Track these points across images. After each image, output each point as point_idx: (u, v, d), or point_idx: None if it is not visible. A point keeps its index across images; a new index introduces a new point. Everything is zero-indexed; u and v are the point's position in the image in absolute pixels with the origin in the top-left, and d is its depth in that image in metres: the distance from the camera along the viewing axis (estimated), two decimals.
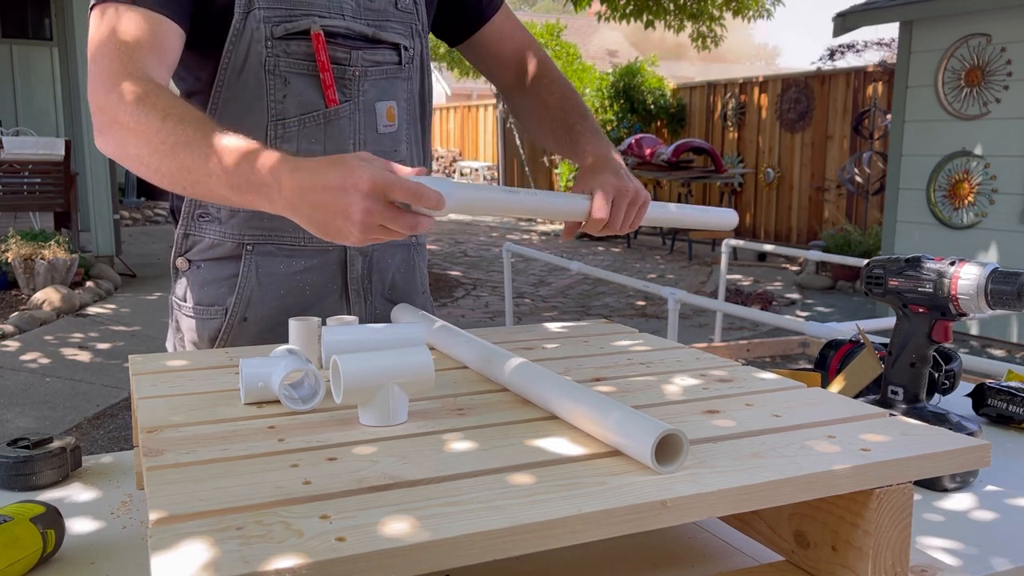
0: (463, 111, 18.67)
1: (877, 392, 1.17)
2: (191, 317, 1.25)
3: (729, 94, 10.70)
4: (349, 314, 1.27)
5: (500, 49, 1.38)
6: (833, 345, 1.34)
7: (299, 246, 1.22)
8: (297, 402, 0.81)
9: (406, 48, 1.26)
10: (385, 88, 1.24)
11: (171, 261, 1.27)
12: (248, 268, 1.22)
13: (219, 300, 1.23)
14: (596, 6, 9.17)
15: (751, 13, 9.48)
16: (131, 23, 1.05)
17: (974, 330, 5.94)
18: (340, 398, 0.75)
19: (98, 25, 1.06)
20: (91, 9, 1.09)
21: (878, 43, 8.93)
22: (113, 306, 6.04)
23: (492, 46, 1.38)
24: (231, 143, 0.92)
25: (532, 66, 1.37)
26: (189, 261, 1.24)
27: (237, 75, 1.15)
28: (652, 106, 11.69)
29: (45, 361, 4.69)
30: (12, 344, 4.97)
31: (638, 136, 10.45)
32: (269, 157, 0.89)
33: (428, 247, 10.08)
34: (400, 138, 1.27)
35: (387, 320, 1.27)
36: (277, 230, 1.21)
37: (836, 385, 1.22)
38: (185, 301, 1.26)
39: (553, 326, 1.20)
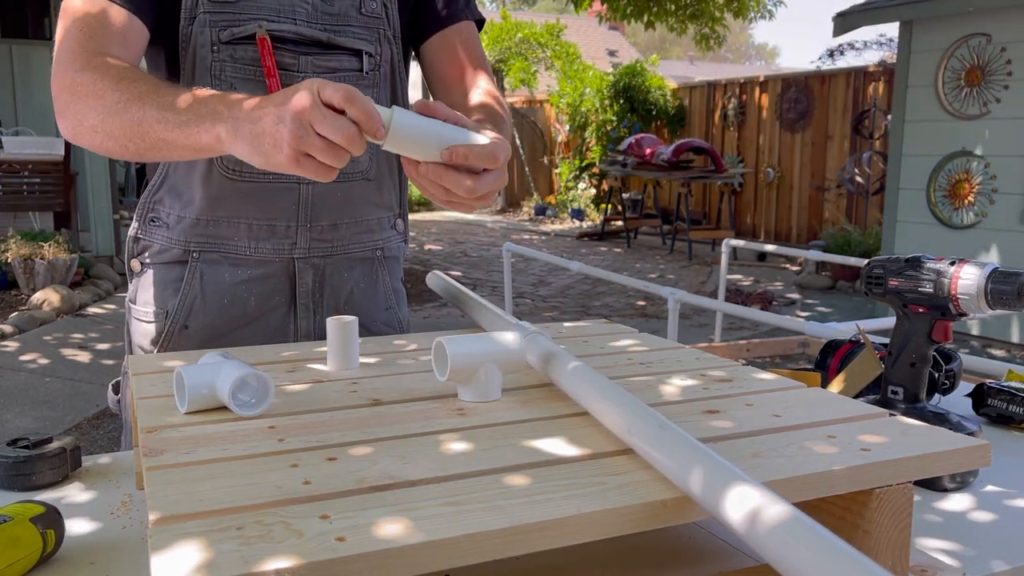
0: None
1: (877, 392, 1.17)
2: (138, 320, 1.24)
3: (729, 94, 10.70)
4: (296, 328, 1.25)
5: (445, 68, 1.26)
6: (833, 345, 1.34)
7: (244, 255, 1.21)
8: (250, 406, 0.80)
9: (369, 54, 1.21)
10: None
11: (126, 263, 1.27)
12: (192, 275, 1.21)
13: (161, 304, 1.22)
14: (597, 6, 9.17)
15: (752, 15, 9.48)
16: (96, 12, 1.06)
17: (974, 330, 5.94)
18: (446, 377, 0.82)
19: (63, 19, 1.08)
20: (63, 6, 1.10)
21: (878, 42, 8.94)
22: (113, 306, 6.04)
23: (437, 62, 1.27)
24: (179, 89, 0.93)
25: (475, 95, 1.21)
26: (141, 263, 1.24)
27: (190, 81, 1.14)
28: (652, 106, 11.70)
29: (45, 361, 4.69)
30: (12, 344, 4.97)
31: (638, 136, 10.45)
32: (209, 96, 0.90)
33: (428, 247, 10.03)
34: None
35: None
36: (222, 237, 1.20)
37: (836, 385, 1.22)
38: (134, 303, 1.25)
39: (553, 326, 1.20)
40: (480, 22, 1.31)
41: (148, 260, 1.24)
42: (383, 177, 1.27)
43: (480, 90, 1.22)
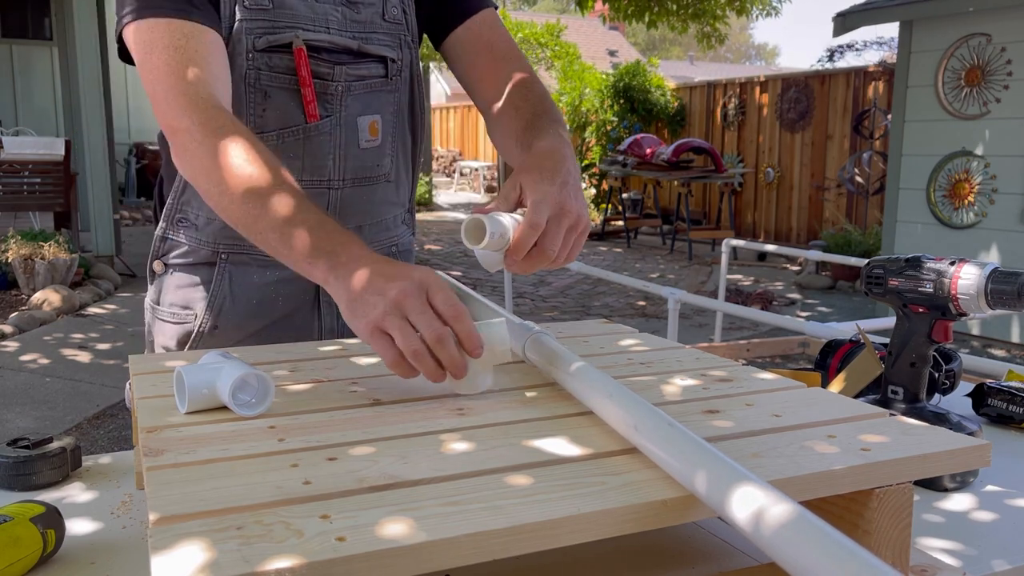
0: (463, 111, 18.68)
1: (877, 392, 1.17)
2: (164, 321, 1.24)
3: (729, 94, 10.70)
4: (320, 326, 1.25)
5: (474, 60, 1.25)
6: (833, 345, 1.34)
7: (272, 258, 1.21)
8: (250, 406, 0.79)
9: (393, 60, 1.22)
10: (369, 102, 1.21)
11: (148, 264, 1.26)
12: (221, 276, 1.20)
13: (191, 305, 1.22)
14: (599, 7, 9.17)
15: (756, 12, 9.48)
16: (181, 36, 1.02)
17: (975, 330, 5.94)
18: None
19: (142, 42, 1.03)
20: (126, 24, 1.05)
21: (878, 42, 8.94)
22: (113, 306, 6.04)
23: (465, 55, 1.26)
24: (297, 206, 0.90)
25: (511, 77, 1.22)
26: (165, 264, 1.24)
27: None
28: (652, 106, 11.70)
29: (45, 361, 4.69)
30: (12, 344, 4.97)
31: (638, 136, 10.45)
32: (339, 230, 0.88)
33: (429, 247, 10.00)
34: (384, 152, 1.24)
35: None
36: None
37: (836, 385, 1.22)
38: (159, 305, 1.25)
39: (553, 326, 1.20)
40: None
41: (173, 261, 1.23)
42: (400, 177, 1.29)
43: (518, 90, 1.19)
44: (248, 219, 0.93)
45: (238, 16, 1.11)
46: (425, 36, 1.31)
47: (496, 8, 1.32)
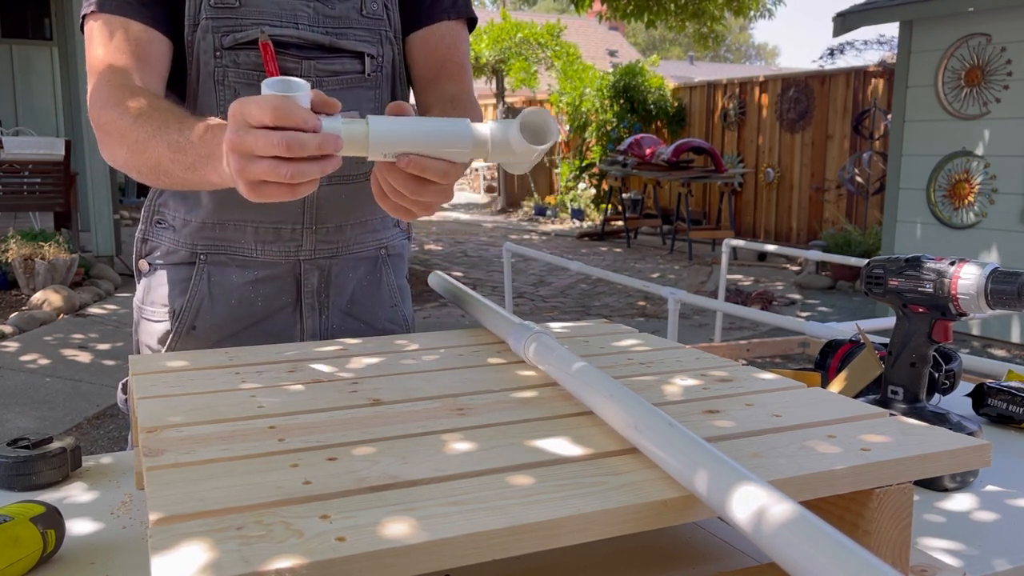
0: None
1: (877, 392, 1.17)
2: (147, 320, 1.25)
3: (729, 94, 10.70)
4: (302, 328, 1.25)
5: (418, 68, 1.26)
6: (833, 345, 1.34)
7: (251, 257, 1.21)
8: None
9: (372, 56, 1.21)
10: (344, 98, 1.17)
11: (133, 263, 1.27)
12: (200, 276, 1.21)
13: (169, 304, 1.22)
14: (597, 6, 9.17)
15: (753, 14, 9.49)
16: (117, 35, 1.09)
17: (975, 330, 5.94)
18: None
19: (90, 40, 1.10)
20: (83, 19, 1.12)
21: (878, 42, 8.94)
22: (113, 306, 6.04)
23: (412, 61, 1.26)
24: (182, 128, 0.94)
25: (449, 95, 1.23)
26: (149, 264, 1.25)
27: (197, 86, 1.15)
28: (652, 106, 11.70)
29: (45, 361, 4.69)
30: (12, 344, 4.97)
31: (638, 136, 10.45)
32: (212, 130, 0.90)
33: (428, 247, 9.99)
34: None
35: (345, 335, 1.24)
36: (229, 240, 1.20)
37: (836, 385, 1.22)
38: (142, 304, 1.26)
39: (553, 326, 1.20)
40: (471, 21, 1.29)
41: (156, 261, 1.24)
42: None
43: (446, 103, 1.21)
44: (153, 164, 0.98)
45: (204, 15, 1.12)
46: None
47: (470, 20, 1.29)
